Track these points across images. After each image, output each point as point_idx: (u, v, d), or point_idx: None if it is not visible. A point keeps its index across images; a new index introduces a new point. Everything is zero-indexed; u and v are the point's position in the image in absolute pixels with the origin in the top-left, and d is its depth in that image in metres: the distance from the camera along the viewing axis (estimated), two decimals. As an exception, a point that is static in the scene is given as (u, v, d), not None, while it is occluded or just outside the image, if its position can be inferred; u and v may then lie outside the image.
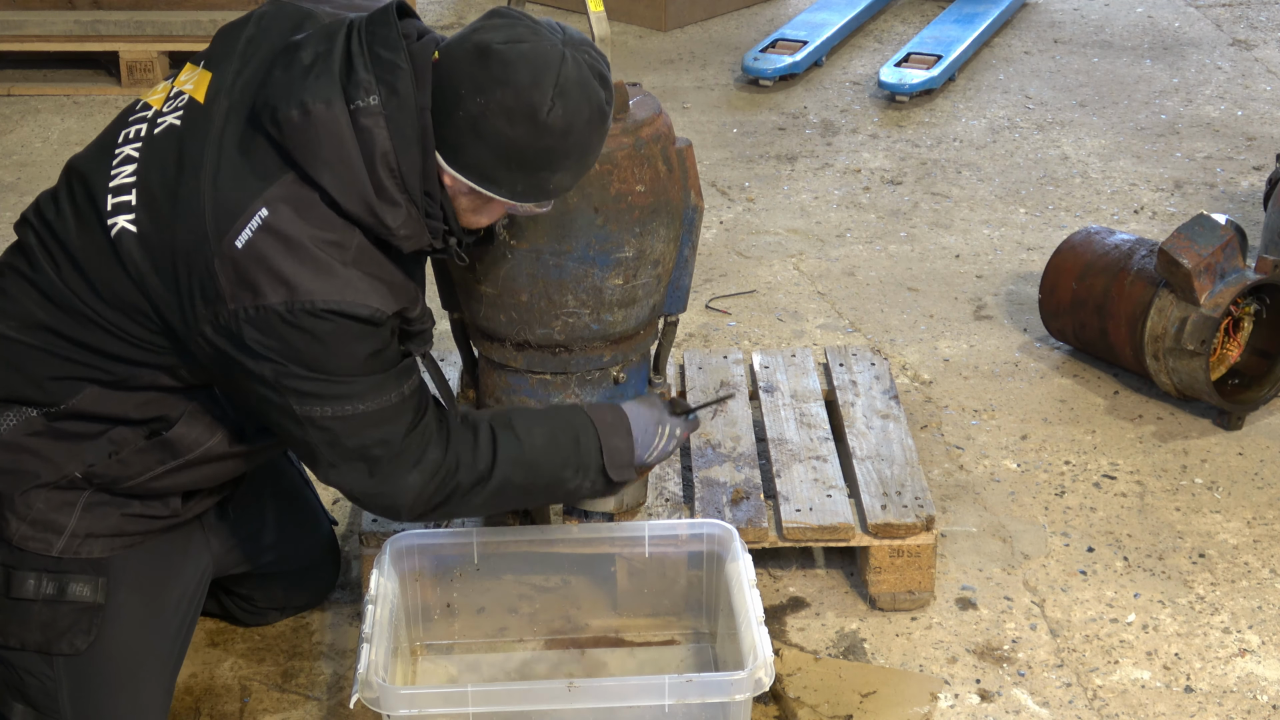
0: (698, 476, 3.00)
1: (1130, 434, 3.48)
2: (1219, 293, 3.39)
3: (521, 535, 2.79)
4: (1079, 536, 3.14)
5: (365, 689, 2.39)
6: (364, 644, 2.46)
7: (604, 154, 2.53)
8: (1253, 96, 5.41)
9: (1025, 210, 4.59)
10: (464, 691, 2.42)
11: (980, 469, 3.36)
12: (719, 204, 4.66)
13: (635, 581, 2.79)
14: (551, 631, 2.83)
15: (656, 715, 2.43)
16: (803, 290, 4.15)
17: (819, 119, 5.28)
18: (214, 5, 5.41)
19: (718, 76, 5.69)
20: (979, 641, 2.86)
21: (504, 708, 2.44)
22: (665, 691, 2.40)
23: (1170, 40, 5.97)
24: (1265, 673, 2.78)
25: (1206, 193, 4.68)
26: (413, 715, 2.40)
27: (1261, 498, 3.26)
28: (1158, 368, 3.48)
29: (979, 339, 3.89)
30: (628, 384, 2.76)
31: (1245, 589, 2.99)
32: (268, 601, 2.88)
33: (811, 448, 3.10)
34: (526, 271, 2.59)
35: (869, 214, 4.59)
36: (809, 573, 3.04)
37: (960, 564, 3.06)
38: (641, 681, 2.50)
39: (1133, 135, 5.10)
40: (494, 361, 2.74)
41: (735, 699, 2.41)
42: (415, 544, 2.73)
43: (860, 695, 2.73)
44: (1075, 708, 2.70)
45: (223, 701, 2.74)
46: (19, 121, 5.31)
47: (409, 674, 2.74)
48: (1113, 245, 3.64)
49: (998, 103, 5.39)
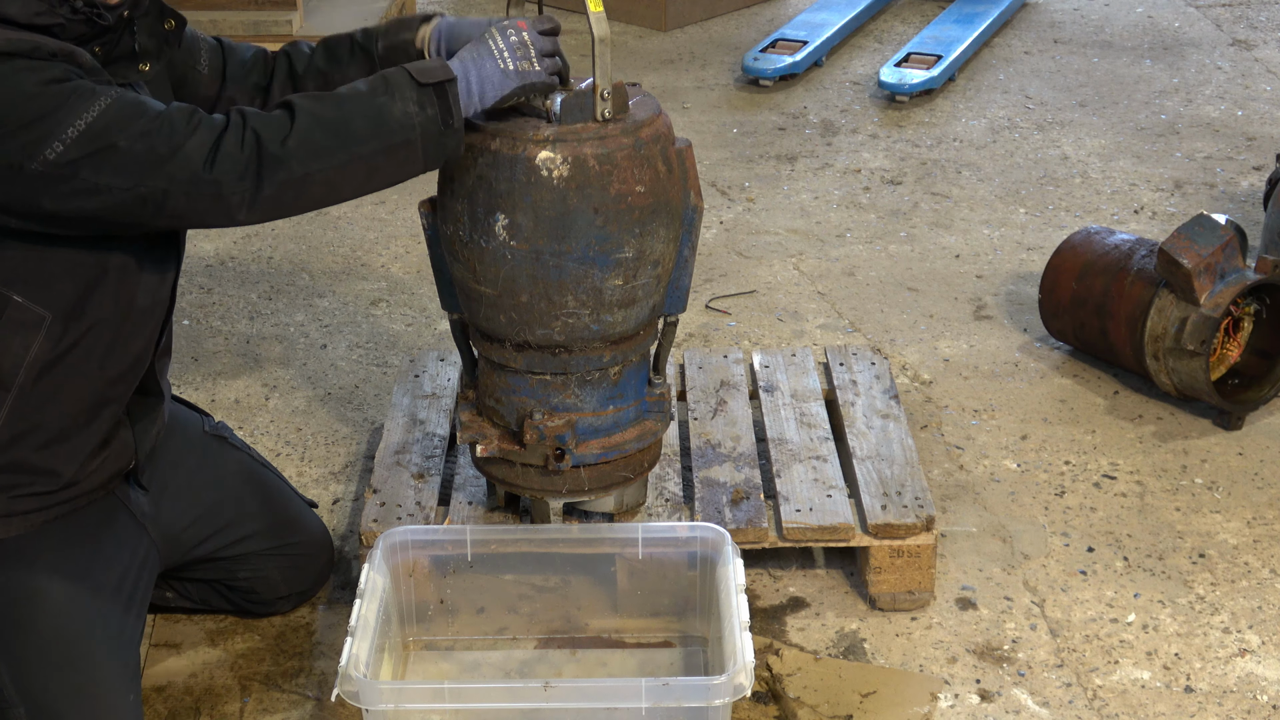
0: (698, 477, 3.01)
1: (1130, 434, 3.48)
2: (1219, 293, 3.39)
3: (520, 535, 2.79)
4: (1079, 536, 3.14)
5: (345, 683, 2.40)
6: (349, 638, 2.46)
7: (604, 154, 2.54)
8: (1253, 96, 5.41)
9: (1025, 210, 4.59)
10: (441, 688, 2.42)
11: (980, 469, 3.36)
12: (719, 204, 4.66)
13: (635, 582, 2.79)
14: (551, 631, 2.83)
15: (634, 718, 2.43)
16: (803, 290, 4.15)
17: (819, 119, 5.28)
18: (214, 5, 5.41)
19: (718, 76, 5.69)
20: (979, 641, 2.86)
21: (480, 705, 2.44)
22: (642, 694, 2.40)
23: (1170, 40, 5.97)
24: (1265, 673, 2.78)
25: (1206, 193, 4.68)
26: (390, 711, 2.41)
27: (1261, 498, 3.26)
28: (1158, 368, 3.48)
29: (979, 339, 3.89)
30: (627, 384, 2.77)
31: (1245, 589, 2.99)
32: (269, 591, 2.88)
33: (811, 448, 3.10)
34: (526, 272, 2.59)
35: (869, 214, 4.59)
36: (809, 573, 3.04)
37: (960, 564, 3.06)
38: (618, 684, 2.50)
39: (1133, 135, 5.10)
40: (494, 362, 2.74)
41: (713, 704, 2.40)
42: (409, 539, 2.74)
43: (860, 695, 2.73)
44: (1075, 708, 2.70)
45: (223, 701, 2.74)
46: (19, 121, 5.30)
47: (399, 671, 2.75)
48: (1113, 245, 3.65)
49: (998, 103, 5.39)
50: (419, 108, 2.39)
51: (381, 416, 3.52)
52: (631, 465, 2.80)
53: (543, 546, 2.80)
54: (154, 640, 2.88)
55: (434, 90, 2.41)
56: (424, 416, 3.21)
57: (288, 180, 2.33)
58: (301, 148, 2.33)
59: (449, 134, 2.43)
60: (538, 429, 2.69)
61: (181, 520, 2.70)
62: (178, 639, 2.87)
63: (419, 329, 3.98)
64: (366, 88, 2.40)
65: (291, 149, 2.32)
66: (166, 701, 2.73)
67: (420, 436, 3.14)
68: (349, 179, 2.39)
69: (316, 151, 2.34)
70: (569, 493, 2.77)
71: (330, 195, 2.39)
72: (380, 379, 3.72)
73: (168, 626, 2.90)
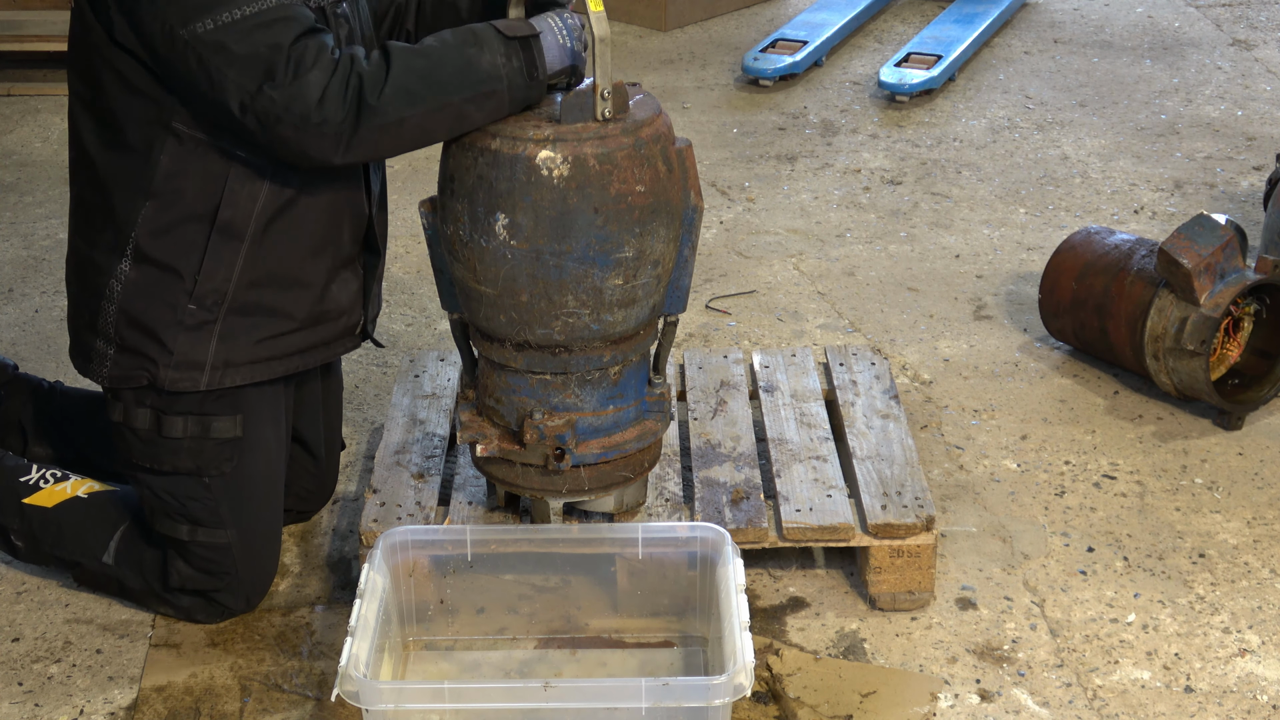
0: (698, 477, 3.01)
1: (1130, 434, 3.48)
2: (1219, 293, 3.39)
3: (520, 535, 2.79)
4: (1079, 536, 3.14)
5: (345, 683, 2.40)
6: (349, 638, 2.47)
7: (604, 154, 2.54)
8: (1253, 96, 5.41)
9: (1025, 210, 4.59)
10: (441, 688, 2.42)
11: (980, 469, 3.36)
12: (719, 204, 4.66)
13: (635, 582, 2.79)
14: (551, 631, 2.83)
15: (634, 718, 2.43)
16: (803, 290, 4.15)
17: (819, 119, 5.28)
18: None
19: (718, 76, 5.69)
20: (979, 641, 2.86)
21: (480, 705, 2.44)
22: (642, 694, 2.40)
23: (1170, 40, 5.97)
24: (1265, 673, 2.78)
25: (1206, 193, 4.68)
26: (390, 711, 2.41)
27: (1261, 498, 3.26)
28: (1158, 368, 3.48)
29: (979, 339, 3.89)
30: (627, 384, 2.76)
31: (1245, 589, 2.99)
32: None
33: (811, 448, 3.10)
34: (526, 271, 2.59)
35: (869, 214, 4.59)
36: (809, 573, 3.04)
37: (960, 564, 3.06)
38: (618, 684, 2.49)
39: (1133, 135, 5.10)
40: (494, 361, 2.74)
41: (713, 704, 2.40)
42: (409, 539, 2.74)
43: (860, 695, 2.73)
44: (1075, 708, 2.70)
45: (223, 701, 2.74)
46: (19, 121, 5.31)
47: (399, 671, 2.75)
48: (1113, 245, 3.65)
49: (998, 103, 5.39)
50: (505, 59, 2.56)
51: (381, 416, 3.52)
52: (631, 465, 2.80)
53: (543, 546, 2.80)
54: (154, 640, 2.88)
55: (519, 44, 2.58)
56: (424, 416, 3.21)
57: (384, 124, 2.52)
58: (397, 95, 2.52)
59: (534, 85, 2.59)
60: (538, 429, 2.69)
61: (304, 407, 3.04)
62: (178, 639, 2.87)
63: (419, 329, 3.98)
64: (455, 40, 2.58)
65: (388, 97, 2.51)
66: (166, 701, 2.73)
67: (420, 436, 3.14)
68: (440, 123, 2.57)
69: (411, 98, 2.53)
70: (569, 493, 2.77)
71: (423, 138, 2.58)
72: (380, 379, 3.72)
73: (168, 626, 2.90)
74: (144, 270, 2.67)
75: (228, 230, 2.65)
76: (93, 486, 2.95)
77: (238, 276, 2.68)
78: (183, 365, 2.70)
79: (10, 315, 4.07)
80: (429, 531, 2.77)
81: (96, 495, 2.94)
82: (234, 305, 2.70)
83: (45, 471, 2.96)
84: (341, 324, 2.85)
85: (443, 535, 2.77)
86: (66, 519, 2.90)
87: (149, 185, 2.62)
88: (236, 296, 2.69)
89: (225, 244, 2.66)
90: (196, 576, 2.84)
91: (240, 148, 2.61)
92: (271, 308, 2.73)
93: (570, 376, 2.70)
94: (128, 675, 2.80)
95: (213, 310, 2.69)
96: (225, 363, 2.72)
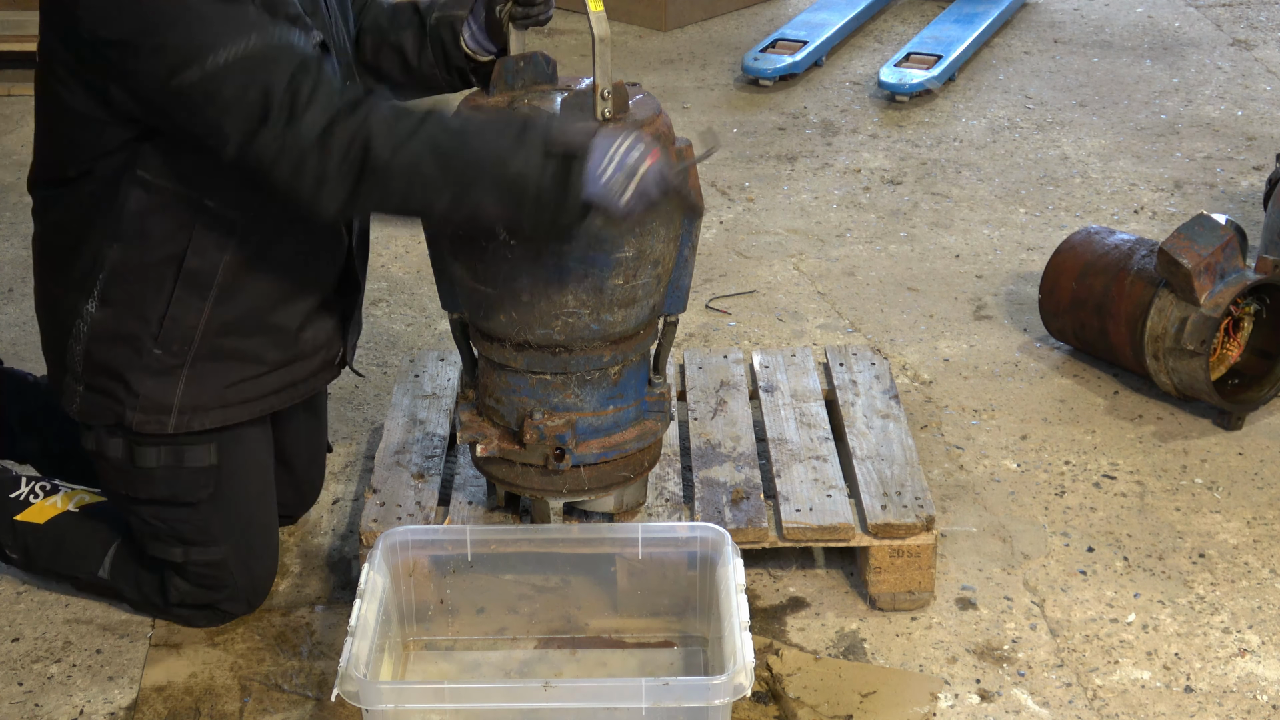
0: (698, 477, 3.01)
1: (1130, 434, 3.48)
2: (1219, 293, 3.39)
3: (520, 535, 2.79)
4: (1079, 536, 3.14)
5: (345, 683, 2.40)
6: (349, 638, 2.47)
7: (604, 154, 2.53)
8: (1253, 96, 5.41)
9: (1025, 210, 4.59)
10: (441, 688, 2.43)
11: (980, 469, 3.36)
12: (719, 204, 4.66)
13: (635, 582, 2.79)
14: (551, 631, 2.83)
15: (634, 718, 2.43)
16: (803, 290, 4.15)
17: (819, 119, 5.28)
18: (214, 5, 5.40)
19: (718, 76, 5.69)
20: (979, 641, 2.86)
21: (480, 705, 2.44)
22: (642, 694, 2.40)
23: (1170, 40, 5.97)
24: (1265, 673, 2.78)
25: (1206, 193, 4.68)
26: (390, 711, 2.41)
27: (1261, 498, 3.26)
28: (1158, 368, 3.48)
29: (979, 339, 3.89)
30: (627, 384, 2.76)
31: (1245, 589, 2.99)
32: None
33: (811, 448, 3.10)
34: (526, 271, 2.59)
35: (869, 214, 4.59)
36: (809, 573, 3.04)
37: (960, 564, 3.06)
38: (618, 684, 2.49)
39: (1133, 135, 5.10)
40: (494, 361, 2.74)
41: (713, 704, 2.40)
42: (409, 539, 2.74)
43: (860, 695, 2.73)
44: (1075, 708, 2.70)
45: (223, 701, 2.74)
46: (19, 121, 5.31)
47: (399, 671, 2.75)
48: (1113, 245, 3.65)
49: (998, 103, 5.39)
50: (542, 170, 2.32)
51: (381, 416, 3.52)
52: (631, 465, 2.80)
53: (543, 546, 2.80)
54: (154, 640, 2.88)
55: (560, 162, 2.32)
56: (424, 416, 3.21)
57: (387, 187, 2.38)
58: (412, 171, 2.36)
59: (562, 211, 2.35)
60: (538, 429, 2.69)
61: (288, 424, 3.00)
62: (178, 639, 2.87)
63: (419, 329, 3.98)
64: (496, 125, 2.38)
65: (401, 171, 2.35)
66: (166, 701, 2.73)
67: (420, 436, 3.14)
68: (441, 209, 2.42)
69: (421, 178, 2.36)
70: (569, 492, 2.77)
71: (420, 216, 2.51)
72: (380, 379, 3.72)
73: (168, 626, 2.90)
74: (109, 312, 2.61)
75: (194, 279, 2.58)
76: (84, 499, 2.93)
77: (204, 324, 2.62)
78: (149, 409, 2.65)
79: (10, 315, 4.07)
80: (429, 531, 2.77)
81: (88, 509, 2.91)
82: (201, 351, 2.64)
83: (35, 485, 2.93)
84: (318, 359, 2.81)
85: (443, 535, 2.77)
86: (59, 535, 2.89)
87: (116, 229, 2.57)
88: (204, 343, 2.63)
89: (192, 292, 2.59)
90: (196, 592, 2.83)
91: (211, 197, 2.54)
92: (242, 353, 2.68)
93: (570, 376, 2.70)
94: (128, 675, 2.80)
95: (179, 355, 2.63)
96: (194, 407, 2.66)
